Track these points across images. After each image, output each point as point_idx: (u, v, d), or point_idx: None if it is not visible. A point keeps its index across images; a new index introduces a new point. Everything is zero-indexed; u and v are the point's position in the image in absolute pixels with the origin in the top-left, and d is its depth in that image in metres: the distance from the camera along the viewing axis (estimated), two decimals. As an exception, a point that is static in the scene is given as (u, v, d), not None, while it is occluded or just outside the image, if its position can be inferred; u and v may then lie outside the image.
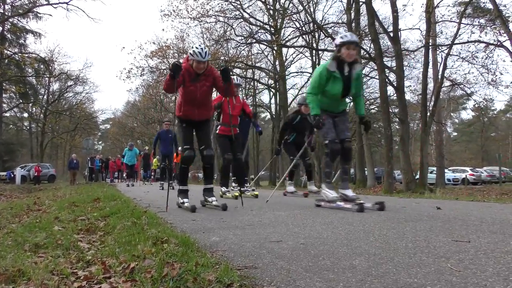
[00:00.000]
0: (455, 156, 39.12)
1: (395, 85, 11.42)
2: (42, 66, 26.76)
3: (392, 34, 11.49)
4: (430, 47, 13.03)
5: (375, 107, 21.67)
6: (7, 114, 30.99)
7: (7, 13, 23.46)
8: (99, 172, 23.01)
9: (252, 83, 24.08)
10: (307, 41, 19.52)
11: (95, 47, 78.07)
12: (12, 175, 23.08)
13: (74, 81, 33.06)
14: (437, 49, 14.32)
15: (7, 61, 22.79)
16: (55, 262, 1.78)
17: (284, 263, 1.66)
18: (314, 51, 19.66)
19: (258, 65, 22.57)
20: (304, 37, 18.81)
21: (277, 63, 20.61)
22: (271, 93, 24.83)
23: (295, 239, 2.20)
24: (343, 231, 2.46)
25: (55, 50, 34.52)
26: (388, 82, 12.20)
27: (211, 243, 2.15)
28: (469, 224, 2.64)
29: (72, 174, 20.26)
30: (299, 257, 1.77)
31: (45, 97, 34.02)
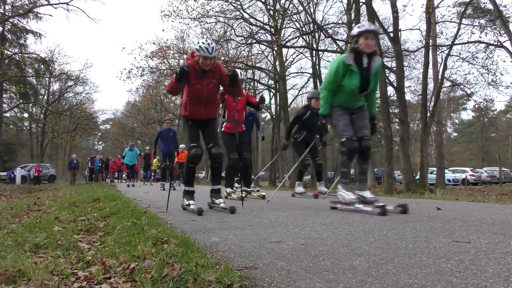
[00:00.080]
0: (455, 156, 39.11)
1: (395, 86, 11.44)
2: (42, 66, 26.80)
3: (392, 34, 11.50)
4: (430, 48, 13.03)
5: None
6: (8, 114, 31.04)
7: (7, 13, 23.49)
8: (99, 172, 23.03)
9: (252, 84, 24.08)
10: (307, 42, 19.53)
11: (95, 48, 78.28)
12: (12, 175, 23.09)
13: (74, 81, 33.16)
14: (437, 50, 14.33)
15: (7, 61, 22.82)
16: (55, 262, 1.78)
17: (284, 264, 1.66)
18: (314, 52, 19.67)
19: (258, 65, 22.59)
20: (304, 37, 18.82)
21: (277, 63, 20.62)
22: (271, 94, 24.85)
23: (295, 240, 2.20)
24: (343, 231, 2.46)
25: (55, 50, 34.65)
26: (388, 82, 12.21)
27: (211, 244, 2.15)
28: (469, 224, 2.64)
29: (72, 174, 20.29)
30: (299, 257, 1.77)
31: (45, 97, 34.10)
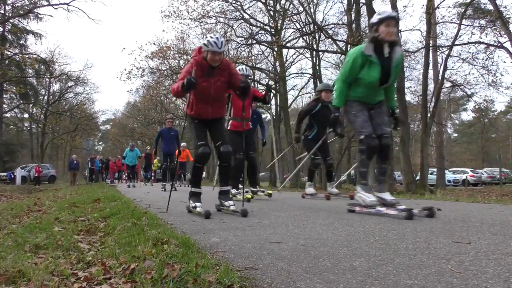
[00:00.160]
0: (456, 157, 39.13)
1: (396, 86, 11.43)
2: (42, 66, 26.82)
3: (392, 35, 11.49)
4: (430, 48, 13.03)
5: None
6: (8, 114, 31.06)
7: (7, 14, 23.53)
8: (99, 173, 23.03)
9: (252, 84, 24.07)
10: (308, 42, 19.53)
11: (96, 48, 78.32)
12: (12, 176, 23.07)
13: (74, 82, 33.15)
14: (438, 50, 14.32)
15: (7, 61, 22.83)
16: (55, 263, 1.78)
17: (284, 264, 1.66)
18: (314, 52, 19.65)
19: (258, 66, 22.57)
20: (304, 38, 18.80)
21: (278, 64, 20.62)
22: (272, 94, 24.83)
23: (295, 240, 2.20)
24: (343, 232, 2.46)
25: (55, 51, 34.44)
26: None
27: (211, 244, 2.15)
28: (469, 225, 2.64)
29: (72, 174, 20.29)
30: (299, 258, 1.77)
31: (45, 98, 34.11)
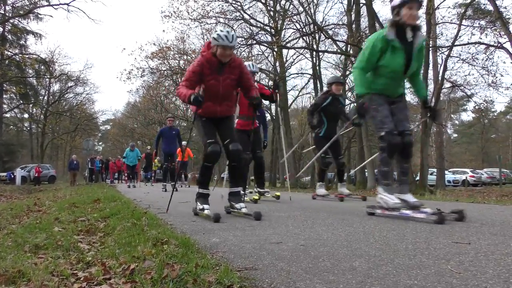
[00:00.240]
0: (455, 157, 39.14)
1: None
2: (42, 67, 26.86)
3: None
4: (430, 49, 13.02)
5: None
6: (8, 115, 31.07)
7: (8, 14, 23.53)
8: (99, 173, 23.04)
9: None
10: (308, 43, 19.54)
11: (96, 48, 78.38)
12: (12, 176, 23.06)
13: (74, 82, 33.16)
14: (438, 51, 14.32)
15: (7, 62, 22.83)
16: (55, 263, 1.78)
17: (284, 265, 1.66)
18: (314, 53, 19.67)
19: (258, 66, 22.58)
20: (304, 38, 18.82)
21: (278, 64, 20.62)
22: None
23: (295, 241, 2.20)
24: (343, 232, 2.46)
25: (55, 51, 34.45)
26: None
27: (211, 244, 2.15)
28: (469, 226, 2.64)
29: (72, 175, 20.28)
30: (299, 258, 1.77)
31: (45, 98, 34.12)
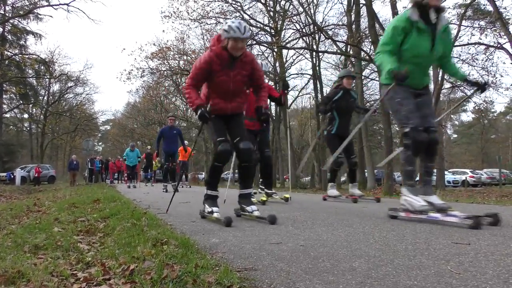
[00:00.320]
0: (455, 158, 39.19)
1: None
2: (42, 67, 26.83)
3: (392, 36, 11.50)
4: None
5: (375, 108, 21.69)
6: (8, 115, 31.05)
7: (7, 14, 23.53)
8: (99, 173, 23.04)
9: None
10: (308, 43, 19.54)
11: (96, 49, 78.38)
12: (12, 176, 23.06)
13: (74, 82, 33.15)
14: (437, 51, 14.31)
15: (7, 62, 22.81)
16: (55, 263, 1.78)
17: (283, 265, 1.65)
18: (314, 53, 19.67)
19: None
20: (304, 38, 18.83)
21: (277, 64, 20.63)
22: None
23: (294, 241, 2.20)
24: (343, 233, 2.46)
25: (55, 51, 34.52)
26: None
27: (211, 245, 2.15)
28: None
29: (72, 175, 20.28)
30: (298, 259, 1.77)
31: (45, 98, 34.12)
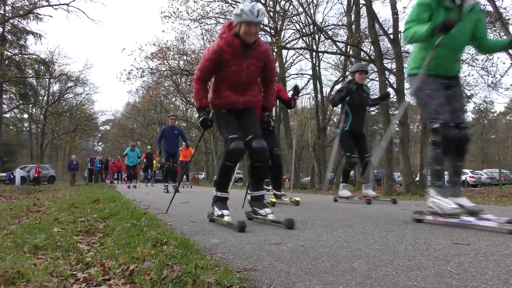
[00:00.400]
0: (455, 158, 39.05)
1: (395, 87, 11.43)
2: (42, 67, 26.84)
3: (392, 36, 11.50)
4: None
5: (375, 109, 21.71)
6: (7, 115, 31.04)
7: (7, 14, 23.52)
8: (99, 173, 23.05)
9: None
10: (307, 43, 19.54)
11: (95, 49, 78.44)
12: (11, 176, 23.06)
13: (74, 82, 33.17)
14: (437, 52, 14.31)
15: (7, 62, 22.80)
16: (55, 264, 1.78)
17: (283, 266, 1.65)
18: (314, 53, 19.67)
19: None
20: (304, 39, 18.83)
21: (277, 65, 20.63)
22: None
23: (294, 242, 2.19)
24: (343, 233, 2.46)
25: (55, 51, 34.65)
26: (388, 84, 12.20)
27: (211, 245, 2.15)
28: (468, 227, 2.64)
29: (71, 175, 20.29)
30: (298, 259, 1.76)
31: (45, 98, 34.14)
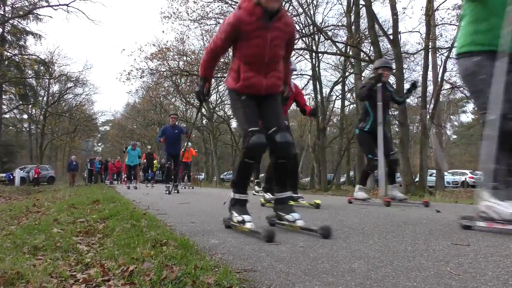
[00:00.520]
0: (455, 159, 39.20)
1: (395, 88, 11.46)
2: (42, 67, 26.88)
3: (391, 37, 11.52)
4: (430, 50, 13.05)
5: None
6: (7, 115, 31.08)
7: (7, 15, 23.54)
8: (99, 174, 23.04)
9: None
10: (307, 44, 19.55)
11: (95, 49, 78.54)
12: (11, 177, 23.06)
13: (74, 83, 33.23)
14: (437, 52, 14.35)
15: (7, 62, 22.82)
16: (54, 264, 1.77)
17: (283, 266, 1.65)
18: (314, 54, 19.68)
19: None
20: (304, 39, 18.82)
21: (277, 65, 20.63)
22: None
23: (294, 242, 2.19)
24: (343, 234, 2.46)
25: (55, 51, 34.84)
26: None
27: (210, 246, 2.15)
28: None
29: (71, 176, 20.31)
30: (298, 260, 1.76)
31: (45, 99, 34.17)
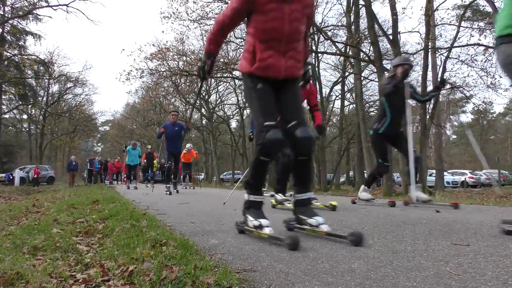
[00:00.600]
0: (454, 159, 39.24)
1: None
2: (41, 68, 26.85)
3: (391, 37, 11.51)
4: (429, 50, 13.04)
5: (374, 109, 21.71)
6: (7, 115, 31.02)
7: (7, 15, 23.53)
8: (98, 174, 23.04)
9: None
10: (307, 44, 19.56)
11: (95, 49, 78.51)
12: (11, 177, 23.03)
13: (73, 83, 33.16)
14: (437, 52, 14.34)
15: (6, 62, 22.80)
16: (54, 265, 1.77)
17: (283, 266, 1.65)
18: (313, 54, 19.69)
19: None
20: (303, 39, 18.84)
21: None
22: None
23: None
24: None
25: (54, 52, 34.83)
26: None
27: (210, 246, 2.15)
28: (468, 227, 2.64)
29: (71, 176, 20.29)
30: (298, 260, 1.76)
31: (44, 99, 34.13)
